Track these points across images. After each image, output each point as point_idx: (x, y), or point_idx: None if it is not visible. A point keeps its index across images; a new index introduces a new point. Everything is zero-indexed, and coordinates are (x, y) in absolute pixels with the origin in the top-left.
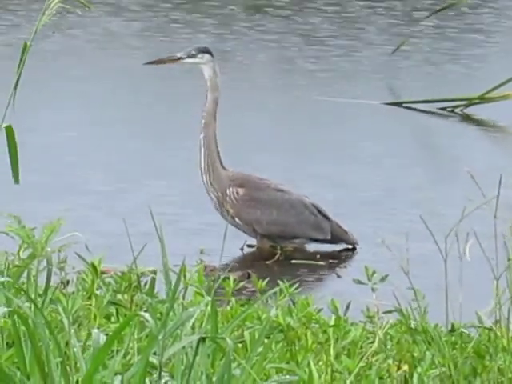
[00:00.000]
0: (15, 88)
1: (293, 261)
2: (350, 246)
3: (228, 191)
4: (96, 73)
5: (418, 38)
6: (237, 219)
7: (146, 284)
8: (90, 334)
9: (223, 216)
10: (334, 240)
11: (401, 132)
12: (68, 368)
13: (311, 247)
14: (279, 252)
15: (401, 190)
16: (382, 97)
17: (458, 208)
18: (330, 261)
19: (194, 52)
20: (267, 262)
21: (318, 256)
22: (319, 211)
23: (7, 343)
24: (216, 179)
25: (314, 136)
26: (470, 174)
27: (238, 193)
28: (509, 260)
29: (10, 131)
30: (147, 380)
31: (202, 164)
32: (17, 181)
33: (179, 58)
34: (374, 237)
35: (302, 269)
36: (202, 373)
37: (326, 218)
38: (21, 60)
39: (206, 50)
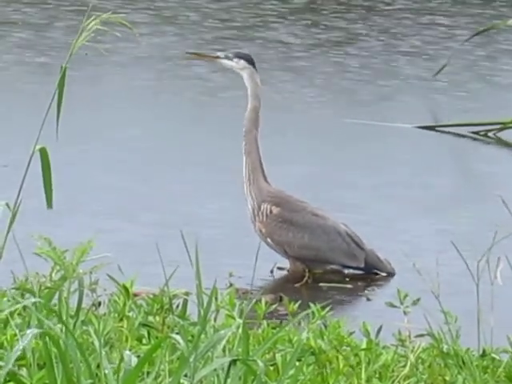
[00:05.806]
0: (58, 115)
1: (321, 284)
2: (384, 274)
3: (262, 206)
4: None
5: (456, 60)
6: (268, 239)
7: (177, 306)
8: (121, 356)
9: (256, 230)
10: (368, 268)
11: (432, 155)
12: None
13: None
14: (307, 275)
15: (431, 214)
16: (416, 120)
17: (488, 232)
18: (360, 283)
19: (230, 55)
20: (296, 285)
21: (348, 279)
22: (353, 240)
23: (38, 364)
24: (255, 189)
25: (340, 159)
26: (502, 198)
27: (271, 211)
28: None
29: (44, 153)
30: None
31: (244, 172)
32: (50, 205)
33: (217, 57)
34: (404, 260)
35: (333, 291)
36: None
37: (360, 247)
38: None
39: (243, 57)
